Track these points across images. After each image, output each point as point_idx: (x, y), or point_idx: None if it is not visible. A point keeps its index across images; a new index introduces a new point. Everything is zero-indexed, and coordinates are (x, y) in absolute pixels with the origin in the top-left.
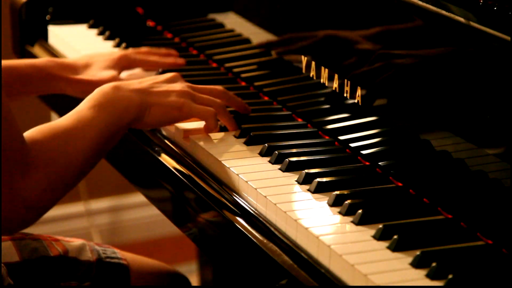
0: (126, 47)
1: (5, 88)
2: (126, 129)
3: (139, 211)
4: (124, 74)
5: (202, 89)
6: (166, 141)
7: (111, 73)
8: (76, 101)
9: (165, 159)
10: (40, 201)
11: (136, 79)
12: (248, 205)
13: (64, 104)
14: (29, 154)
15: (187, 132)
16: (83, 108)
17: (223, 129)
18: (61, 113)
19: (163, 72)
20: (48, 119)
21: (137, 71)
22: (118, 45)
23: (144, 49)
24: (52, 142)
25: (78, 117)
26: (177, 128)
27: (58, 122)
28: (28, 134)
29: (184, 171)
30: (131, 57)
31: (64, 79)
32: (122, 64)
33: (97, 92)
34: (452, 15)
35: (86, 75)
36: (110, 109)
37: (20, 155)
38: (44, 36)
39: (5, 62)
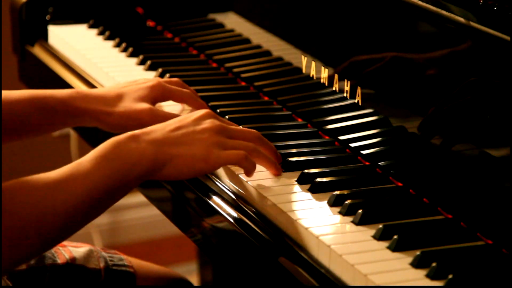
0: (126, 47)
1: (29, 121)
2: (136, 183)
3: (139, 211)
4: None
5: (235, 131)
6: None
7: (145, 105)
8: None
9: None
10: (10, 250)
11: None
12: (248, 205)
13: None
14: None
15: None
16: (86, 159)
17: None
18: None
19: None
20: None
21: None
22: (118, 45)
23: (176, 79)
24: (22, 195)
25: (73, 169)
26: None
27: (50, 173)
28: (5, 184)
29: None
30: (166, 87)
31: (94, 112)
32: (155, 94)
33: (110, 141)
34: (452, 15)
35: (118, 107)
36: (114, 163)
37: None
38: (44, 36)
39: (25, 92)
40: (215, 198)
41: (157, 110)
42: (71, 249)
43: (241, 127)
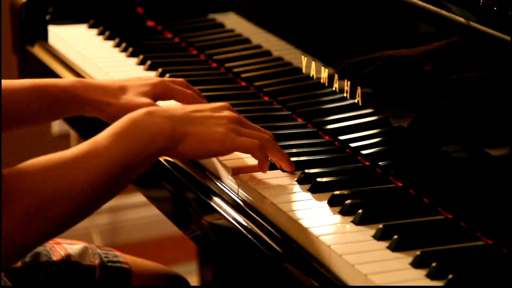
0: (126, 47)
1: (30, 109)
2: (153, 159)
3: (139, 211)
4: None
5: (250, 125)
6: None
7: (147, 100)
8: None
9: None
10: (16, 241)
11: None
12: (248, 205)
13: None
14: (5, 188)
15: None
16: (102, 135)
17: None
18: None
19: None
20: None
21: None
22: (118, 45)
23: (180, 79)
24: (39, 173)
25: (90, 146)
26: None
27: (65, 151)
28: (17, 166)
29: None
30: (169, 85)
31: (95, 102)
32: (158, 91)
33: (126, 118)
34: (452, 15)
35: (120, 99)
36: (132, 139)
37: None
38: (44, 36)
39: (27, 81)
40: (215, 198)
41: (158, 106)
42: (66, 246)
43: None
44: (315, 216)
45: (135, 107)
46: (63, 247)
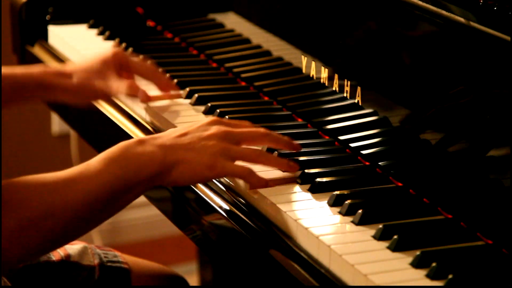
0: (126, 47)
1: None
2: (145, 187)
3: (139, 211)
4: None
5: (241, 134)
6: None
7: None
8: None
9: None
10: (7, 253)
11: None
12: (248, 205)
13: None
14: (2, 197)
15: None
16: (94, 159)
17: None
18: (62, 115)
19: None
20: (48, 120)
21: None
22: (118, 45)
23: (140, 58)
24: (34, 189)
25: (82, 168)
26: None
27: (59, 172)
28: (14, 179)
29: None
30: (124, 56)
31: (59, 86)
32: (115, 62)
33: (117, 146)
34: (452, 15)
35: (81, 81)
36: (123, 164)
37: None
38: (44, 36)
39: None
40: (215, 198)
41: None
42: (65, 246)
43: (247, 124)
44: (315, 216)
45: (90, 86)
46: (63, 247)
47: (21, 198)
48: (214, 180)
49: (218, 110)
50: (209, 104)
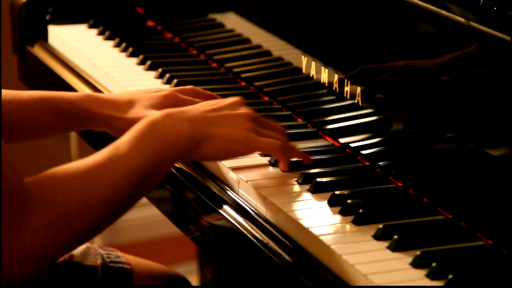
0: (126, 47)
1: (37, 122)
2: (174, 162)
3: (139, 211)
4: None
5: (267, 122)
6: None
7: (156, 112)
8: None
9: None
10: (39, 253)
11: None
12: (248, 205)
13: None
14: (28, 199)
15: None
16: (122, 141)
17: None
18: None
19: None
20: None
21: None
22: (118, 45)
23: (189, 87)
24: (62, 183)
25: (111, 152)
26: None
27: (86, 159)
28: (39, 175)
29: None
30: (178, 97)
31: (104, 116)
32: (167, 104)
33: (145, 122)
34: (452, 15)
35: (128, 113)
36: (153, 143)
37: (16, 201)
38: (44, 36)
39: (35, 92)
40: (214, 198)
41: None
42: None
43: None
44: (315, 216)
45: None
46: None
47: (49, 196)
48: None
49: None
50: None
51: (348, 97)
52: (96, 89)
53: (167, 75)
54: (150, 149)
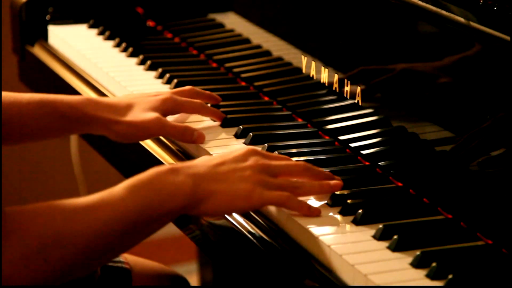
0: (126, 47)
1: (37, 125)
2: (170, 218)
3: None
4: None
5: (279, 167)
6: None
7: (154, 114)
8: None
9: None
10: (12, 281)
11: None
12: None
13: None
14: (5, 227)
15: None
16: (118, 186)
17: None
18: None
19: None
20: None
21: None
22: (118, 45)
23: (188, 88)
24: (43, 214)
25: (105, 194)
26: None
27: (78, 198)
28: (26, 205)
29: None
30: (177, 100)
31: (103, 120)
32: (166, 107)
33: (147, 172)
34: (452, 15)
35: (127, 117)
36: (148, 194)
37: None
38: (44, 36)
39: (36, 95)
40: None
41: (165, 120)
42: None
43: (285, 157)
44: (315, 216)
45: (142, 124)
46: None
47: (26, 225)
48: None
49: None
50: (209, 105)
51: (348, 97)
52: (96, 89)
53: (167, 75)
54: (145, 198)
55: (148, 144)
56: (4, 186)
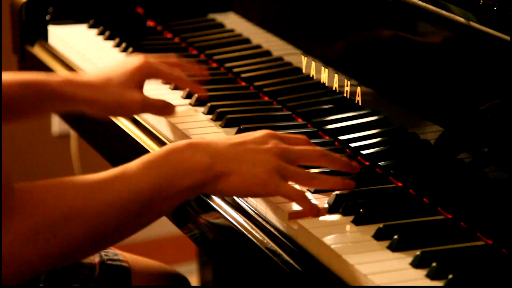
0: (126, 47)
1: (18, 105)
2: (186, 196)
3: None
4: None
5: (298, 153)
6: None
7: (137, 95)
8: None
9: None
10: (19, 258)
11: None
12: (248, 205)
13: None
14: (15, 202)
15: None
16: (134, 162)
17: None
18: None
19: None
20: (48, 120)
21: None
22: (118, 45)
23: (170, 58)
24: (55, 190)
25: (119, 170)
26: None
27: (91, 174)
28: (37, 181)
29: None
30: (153, 65)
31: (83, 99)
32: (142, 74)
33: (164, 147)
34: (452, 15)
35: (107, 94)
36: (164, 170)
37: (1, 203)
38: (44, 36)
39: (17, 76)
40: (214, 197)
41: (149, 99)
42: None
43: (304, 141)
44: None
45: (126, 103)
46: None
47: (37, 200)
48: None
49: (218, 110)
50: (209, 105)
51: (348, 97)
52: None
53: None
54: (162, 174)
55: (149, 145)
56: None
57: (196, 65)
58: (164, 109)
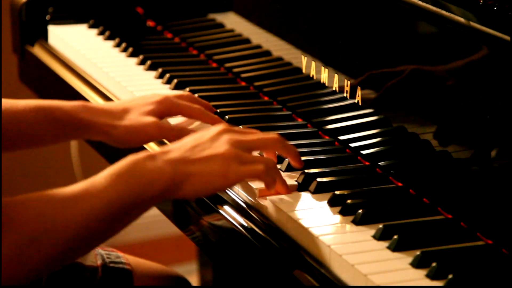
0: (126, 47)
1: (33, 131)
2: (152, 204)
3: None
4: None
5: (252, 142)
6: None
7: (152, 119)
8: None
9: None
10: (9, 267)
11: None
12: (248, 205)
13: None
14: (3, 215)
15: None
16: (100, 175)
17: None
18: None
19: None
20: None
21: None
22: (118, 45)
23: (187, 93)
24: (35, 206)
25: (88, 184)
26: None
27: (64, 188)
28: (18, 196)
29: None
30: (174, 101)
31: (100, 125)
32: (163, 108)
33: (125, 160)
34: (452, 15)
35: (124, 121)
36: (130, 181)
37: None
38: (44, 36)
39: (32, 102)
40: (214, 198)
41: (164, 123)
42: None
43: (258, 132)
44: (315, 216)
45: (141, 128)
46: None
47: (21, 216)
48: None
49: (218, 110)
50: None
51: (348, 97)
52: (96, 89)
53: (167, 75)
54: (127, 186)
55: (149, 145)
56: (4, 186)
57: (206, 102)
58: (181, 132)
